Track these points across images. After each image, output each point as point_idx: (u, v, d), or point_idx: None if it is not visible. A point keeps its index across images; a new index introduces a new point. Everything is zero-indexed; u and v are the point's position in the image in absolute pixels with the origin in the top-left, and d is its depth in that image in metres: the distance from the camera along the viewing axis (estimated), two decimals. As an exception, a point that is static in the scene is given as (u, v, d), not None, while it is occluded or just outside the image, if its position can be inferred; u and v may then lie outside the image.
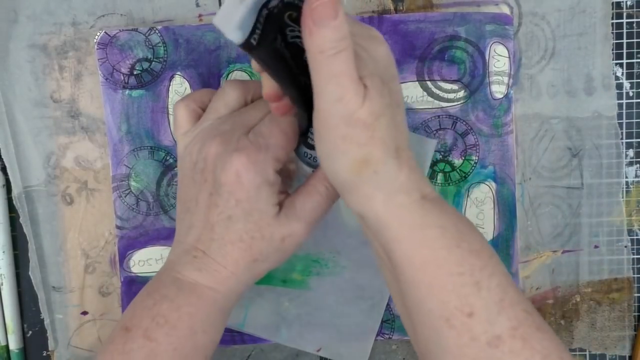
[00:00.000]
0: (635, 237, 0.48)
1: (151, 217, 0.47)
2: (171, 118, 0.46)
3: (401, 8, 0.47)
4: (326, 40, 0.30)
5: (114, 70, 0.46)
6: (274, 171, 0.38)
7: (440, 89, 0.46)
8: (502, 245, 0.47)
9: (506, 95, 0.46)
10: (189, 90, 0.46)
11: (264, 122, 0.39)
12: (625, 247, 0.48)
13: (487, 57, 0.46)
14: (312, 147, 0.39)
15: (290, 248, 0.39)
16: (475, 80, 0.46)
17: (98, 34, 0.45)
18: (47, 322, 0.48)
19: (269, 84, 0.36)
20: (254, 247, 0.38)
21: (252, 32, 0.31)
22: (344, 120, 0.31)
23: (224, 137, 0.38)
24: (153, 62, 0.46)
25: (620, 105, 0.48)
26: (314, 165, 0.40)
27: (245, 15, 0.30)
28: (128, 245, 0.47)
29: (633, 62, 0.47)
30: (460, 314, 0.33)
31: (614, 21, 0.47)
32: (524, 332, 0.33)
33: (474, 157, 0.47)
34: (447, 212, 0.35)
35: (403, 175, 0.34)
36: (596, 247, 0.48)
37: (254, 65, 0.36)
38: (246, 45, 0.31)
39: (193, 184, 0.39)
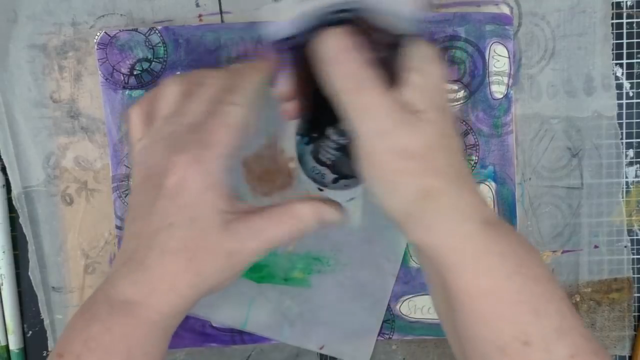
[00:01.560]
0: (635, 237, 0.48)
1: (151, 217, 0.47)
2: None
3: (401, 8, 0.47)
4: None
5: (114, 71, 0.46)
6: (221, 170, 0.34)
7: (440, 89, 0.46)
8: (502, 245, 0.47)
9: (506, 96, 0.46)
10: (189, 91, 0.46)
11: (206, 116, 0.35)
12: (625, 247, 0.48)
13: (486, 57, 0.46)
14: (323, 164, 0.37)
15: (239, 267, 0.35)
16: (475, 81, 0.46)
17: (98, 34, 0.45)
18: (46, 322, 0.47)
19: (285, 83, 0.35)
20: (198, 258, 0.33)
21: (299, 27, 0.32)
22: (393, 154, 0.31)
23: (170, 139, 0.35)
24: (153, 63, 0.46)
25: (620, 105, 0.48)
26: (321, 182, 0.38)
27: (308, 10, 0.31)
28: (128, 245, 0.47)
29: (633, 62, 0.47)
30: (516, 343, 0.31)
31: (614, 21, 0.47)
32: None
33: (473, 157, 0.47)
34: (506, 236, 0.33)
35: (464, 202, 0.32)
36: (596, 247, 0.48)
37: (274, 59, 0.36)
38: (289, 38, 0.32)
39: (144, 192, 0.35)
